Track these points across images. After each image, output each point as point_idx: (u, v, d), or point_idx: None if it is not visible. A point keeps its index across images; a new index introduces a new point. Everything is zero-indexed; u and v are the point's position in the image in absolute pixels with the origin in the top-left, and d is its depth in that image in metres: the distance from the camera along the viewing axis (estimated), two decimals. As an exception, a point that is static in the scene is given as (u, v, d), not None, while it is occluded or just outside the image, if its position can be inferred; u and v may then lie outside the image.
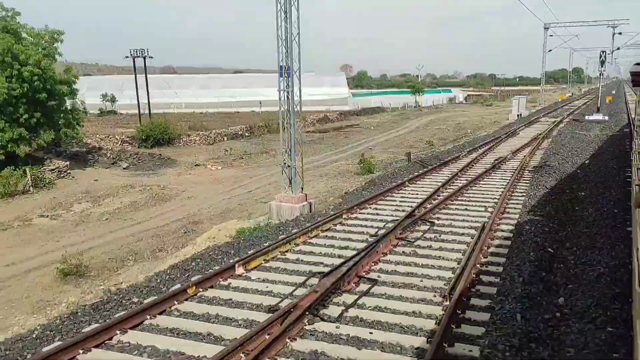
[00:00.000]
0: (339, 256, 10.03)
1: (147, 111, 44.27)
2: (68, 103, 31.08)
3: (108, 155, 34.52)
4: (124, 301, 9.12)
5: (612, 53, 54.16)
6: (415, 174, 19.26)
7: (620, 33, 52.92)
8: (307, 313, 7.14)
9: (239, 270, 9.45)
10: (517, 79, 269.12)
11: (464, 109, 76.52)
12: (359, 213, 13.67)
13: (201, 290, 8.87)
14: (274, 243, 10.67)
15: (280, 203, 15.25)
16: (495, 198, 14.75)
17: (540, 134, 29.99)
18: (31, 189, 26.70)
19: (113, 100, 61.55)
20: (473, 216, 12.91)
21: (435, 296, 8.18)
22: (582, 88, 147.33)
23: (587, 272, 8.90)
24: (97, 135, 37.96)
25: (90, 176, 30.46)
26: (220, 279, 9.32)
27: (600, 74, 54.68)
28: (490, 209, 13.41)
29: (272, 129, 47.62)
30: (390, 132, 49.77)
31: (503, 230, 11.64)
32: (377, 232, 11.60)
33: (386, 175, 21.18)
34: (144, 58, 42.65)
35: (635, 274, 4.66)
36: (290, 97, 15.54)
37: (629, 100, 51.34)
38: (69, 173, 29.85)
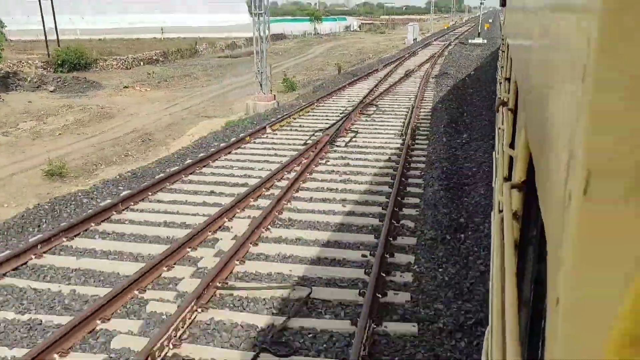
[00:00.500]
0: (327, 123, 14.86)
1: (41, 37, 43.67)
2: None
3: (28, 79, 35.16)
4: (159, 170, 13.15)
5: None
6: (350, 80, 24.31)
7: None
8: (327, 143, 12.04)
9: (269, 130, 13.92)
10: (404, 8, 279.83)
11: (360, 37, 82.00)
12: (324, 103, 18.48)
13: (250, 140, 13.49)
14: (280, 118, 15.44)
15: (256, 102, 19.44)
16: (414, 92, 20.27)
17: (435, 53, 36.24)
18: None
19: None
20: (402, 102, 18.36)
21: (395, 135, 13.45)
22: (463, 17, 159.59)
23: (476, 124, 14.53)
24: (9, 61, 37.83)
25: (19, 98, 31.53)
26: (260, 135, 13.90)
27: (480, 4, 62.60)
28: (412, 99, 18.80)
29: (185, 55, 49.52)
30: (297, 57, 53.85)
31: (425, 109, 17.15)
32: (344, 110, 16.53)
33: (323, 84, 25.89)
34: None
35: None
36: (264, 20, 19.42)
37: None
38: (8, 94, 30.77)
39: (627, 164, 0.62)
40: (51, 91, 33.69)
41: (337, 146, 13.13)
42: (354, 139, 13.72)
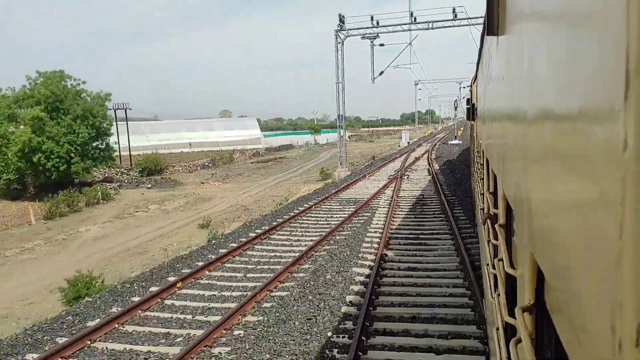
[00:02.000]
0: (388, 176, 28.15)
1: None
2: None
3: (125, 180, 47.98)
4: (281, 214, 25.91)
5: (460, 100, 79.66)
6: (381, 164, 38.02)
7: (464, 87, 78.62)
8: (400, 176, 25.44)
9: (363, 179, 27.26)
10: (380, 120, 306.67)
11: (355, 145, 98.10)
12: (374, 174, 31.91)
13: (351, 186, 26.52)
14: (360, 175, 28.74)
15: (339, 172, 32.81)
16: (426, 166, 33.85)
17: (428, 149, 50.78)
18: (101, 201, 40.04)
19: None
20: (422, 170, 31.80)
21: (426, 175, 26.82)
22: (437, 127, 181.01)
23: (459, 171, 28.01)
24: (100, 169, 50.89)
25: (131, 193, 44.09)
26: (358, 181, 27.22)
27: (455, 115, 79.79)
28: (427, 167, 32.38)
29: (226, 161, 63.34)
30: (313, 161, 68.25)
31: (436, 173, 30.47)
32: (390, 175, 29.85)
33: (359, 169, 39.48)
34: (125, 110, 56.31)
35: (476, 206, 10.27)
36: (342, 124, 33.44)
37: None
38: (118, 192, 43.29)
39: None
40: (148, 187, 46.41)
41: (407, 177, 27.27)
42: (409, 177, 27.21)
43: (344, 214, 19.64)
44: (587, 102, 0.94)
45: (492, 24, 3.18)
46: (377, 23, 33.35)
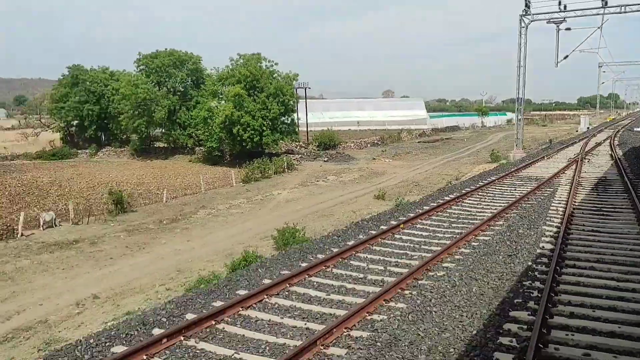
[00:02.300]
0: (568, 159, 28.26)
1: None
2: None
3: (304, 153, 52.88)
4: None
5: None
6: (559, 147, 37.53)
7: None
8: (580, 159, 25.65)
9: (541, 161, 27.92)
10: (553, 104, 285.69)
11: (526, 128, 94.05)
12: (553, 157, 31.92)
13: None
14: (538, 157, 29.23)
15: (515, 153, 33.49)
16: (608, 151, 32.84)
17: (610, 135, 47.92)
18: (286, 170, 44.87)
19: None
20: (604, 155, 31.03)
21: (608, 159, 26.51)
22: (621, 112, 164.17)
23: None
24: (285, 142, 56.47)
25: (310, 164, 48.73)
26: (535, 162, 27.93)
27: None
28: (609, 152, 31.45)
29: (394, 140, 65.82)
30: (482, 142, 67.66)
31: (619, 159, 29.58)
32: (569, 158, 29.72)
33: (534, 152, 39.25)
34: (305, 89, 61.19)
35: None
36: (520, 107, 33.99)
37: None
38: (300, 163, 48.17)
39: None
40: (325, 161, 50.77)
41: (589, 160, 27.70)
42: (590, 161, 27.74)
43: (527, 188, 20.89)
44: None
45: None
46: (565, 7, 32.82)
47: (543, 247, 12.34)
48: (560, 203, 17.48)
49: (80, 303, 16.84)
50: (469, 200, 19.56)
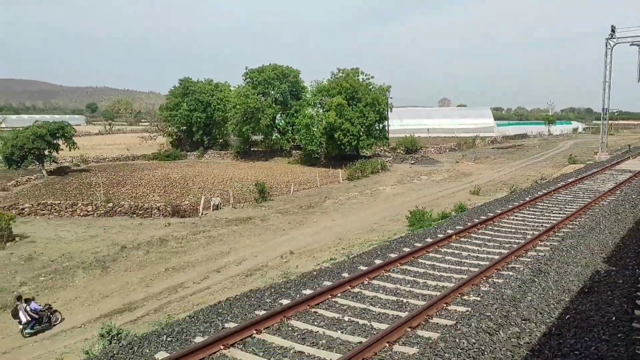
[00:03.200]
0: None
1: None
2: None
3: (391, 157, 58.93)
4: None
5: None
6: (638, 151, 42.16)
7: None
8: None
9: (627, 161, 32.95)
10: (617, 114, 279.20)
11: (593, 137, 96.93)
12: (637, 157, 36.77)
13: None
14: (622, 158, 34.21)
15: (600, 155, 38.64)
16: None
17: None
18: (380, 171, 50.98)
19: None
20: None
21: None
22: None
23: None
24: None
25: (399, 166, 54.76)
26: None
27: None
28: None
29: (469, 146, 70.96)
30: (553, 149, 71.79)
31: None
32: None
33: (618, 154, 43.99)
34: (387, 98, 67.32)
35: None
36: (605, 117, 39.05)
37: None
38: (392, 165, 54.29)
39: None
40: (412, 163, 56.68)
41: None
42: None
43: (626, 176, 26.54)
44: None
45: None
46: None
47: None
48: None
49: (283, 256, 23.51)
50: (585, 182, 25.27)
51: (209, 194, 38.84)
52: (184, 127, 68.30)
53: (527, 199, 21.98)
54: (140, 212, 30.51)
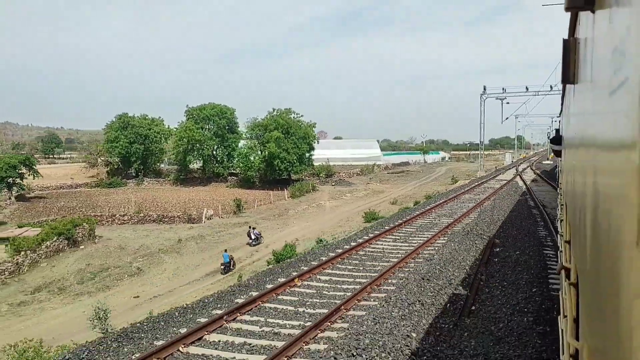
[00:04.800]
0: (513, 174, 48.70)
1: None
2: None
3: (318, 180, 71.06)
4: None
5: (551, 130, 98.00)
6: (505, 169, 58.32)
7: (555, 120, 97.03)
8: (519, 174, 45.88)
9: (498, 176, 47.94)
10: (468, 145, 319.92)
11: (458, 164, 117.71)
12: (504, 172, 52.39)
13: (487, 181, 47.31)
14: (494, 175, 49.39)
15: (479, 173, 53.54)
16: (532, 172, 53.86)
17: (528, 165, 70.28)
18: (311, 190, 62.85)
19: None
20: (529, 173, 51.82)
21: (531, 174, 47.14)
22: (528, 152, 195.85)
23: (545, 174, 48.20)
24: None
25: (324, 187, 67.00)
26: (495, 177, 47.78)
27: (548, 142, 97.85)
28: (531, 172, 52.37)
29: (369, 171, 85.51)
30: (435, 174, 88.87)
31: (539, 174, 50.32)
32: (513, 174, 50.16)
33: (490, 173, 60.10)
34: (304, 131, 79.82)
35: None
36: (482, 147, 54.35)
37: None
38: (317, 186, 66.33)
39: None
40: (333, 185, 69.10)
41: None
42: (523, 173, 47.36)
43: (502, 182, 41.04)
44: None
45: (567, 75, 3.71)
46: (504, 90, 55.66)
47: (523, 187, 31.59)
48: (523, 186, 37.27)
49: (297, 239, 34.24)
50: (482, 187, 39.08)
51: (188, 209, 47.68)
52: (121, 158, 74.71)
53: (445, 198, 34.97)
54: (165, 219, 39.12)
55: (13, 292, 24.50)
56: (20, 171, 54.20)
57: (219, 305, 11.84)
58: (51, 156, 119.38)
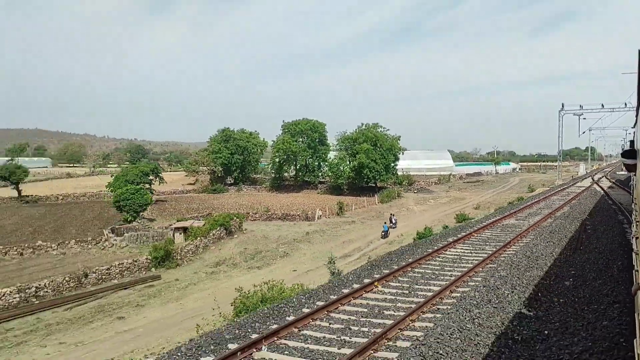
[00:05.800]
0: (590, 182, 53.34)
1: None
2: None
3: (403, 188, 77.39)
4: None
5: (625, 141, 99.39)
6: (580, 180, 62.64)
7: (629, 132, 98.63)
8: (596, 182, 50.63)
9: (576, 184, 52.82)
10: (536, 156, 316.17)
11: (530, 175, 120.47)
12: (581, 181, 57.03)
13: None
14: (572, 183, 54.30)
15: (557, 182, 58.36)
16: (607, 183, 58.07)
17: (602, 175, 73.62)
18: (396, 197, 69.13)
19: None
20: (605, 180, 56.08)
21: (609, 182, 51.75)
22: (601, 164, 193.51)
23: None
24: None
25: (407, 194, 73.20)
26: (572, 185, 52.76)
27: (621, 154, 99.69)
28: (607, 182, 56.56)
29: (446, 180, 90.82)
30: (509, 183, 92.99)
31: (614, 182, 54.57)
32: (591, 182, 54.82)
33: (566, 182, 64.54)
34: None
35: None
36: (560, 159, 59.25)
37: None
38: (402, 193, 72.66)
39: None
40: (415, 192, 75.14)
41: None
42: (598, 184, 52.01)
43: (581, 188, 45.83)
44: None
45: None
46: (581, 107, 61.02)
47: (601, 192, 36.75)
48: (600, 190, 42.19)
49: (408, 229, 40.73)
50: (564, 192, 44.29)
51: (294, 211, 55.22)
52: (223, 167, 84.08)
53: (537, 199, 40.53)
54: (289, 217, 46.78)
55: (200, 266, 32.47)
56: (150, 178, 63.74)
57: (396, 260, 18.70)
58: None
